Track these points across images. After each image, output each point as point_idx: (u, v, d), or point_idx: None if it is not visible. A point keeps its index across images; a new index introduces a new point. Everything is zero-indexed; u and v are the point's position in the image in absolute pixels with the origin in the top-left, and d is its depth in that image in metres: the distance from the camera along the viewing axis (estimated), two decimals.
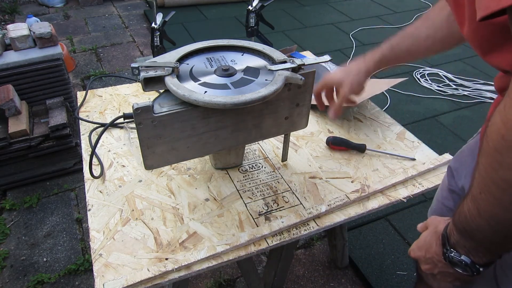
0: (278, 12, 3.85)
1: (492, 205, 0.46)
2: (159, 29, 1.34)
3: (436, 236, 0.61)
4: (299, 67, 0.83)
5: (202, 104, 0.73)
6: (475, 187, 0.48)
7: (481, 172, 0.46)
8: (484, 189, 0.46)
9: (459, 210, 0.53)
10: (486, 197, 0.46)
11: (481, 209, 0.48)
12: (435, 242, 0.61)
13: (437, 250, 0.60)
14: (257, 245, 0.83)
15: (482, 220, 0.49)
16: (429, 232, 0.64)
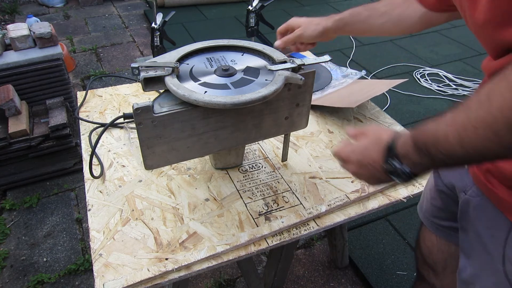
0: (278, 12, 3.85)
1: (488, 141, 0.46)
2: (159, 29, 1.34)
3: (378, 145, 0.63)
4: (299, 67, 0.83)
5: (202, 104, 0.73)
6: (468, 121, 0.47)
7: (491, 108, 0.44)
8: (485, 127, 0.45)
9: (428, 131, 0.53)
10: (485, 134, 0.45)
11: (468, 142, 0.48)
12: (375, 150, 0.63)
13: (376, 158, 0.62)
14: (257, 245, 0.83)
15: (461, 149, 0.49)
16: (370, 140, 0.66)
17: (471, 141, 0.47)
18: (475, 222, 0.68)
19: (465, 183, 0.71)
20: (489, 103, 0.44)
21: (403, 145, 0.58)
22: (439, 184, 0.83)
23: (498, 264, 0.62)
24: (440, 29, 3.54)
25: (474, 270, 0.69)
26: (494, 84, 0.44)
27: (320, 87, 1.33)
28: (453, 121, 0.49)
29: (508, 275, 0.61)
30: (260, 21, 1.50)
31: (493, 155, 0.48)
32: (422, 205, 0.94)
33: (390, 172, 0.61)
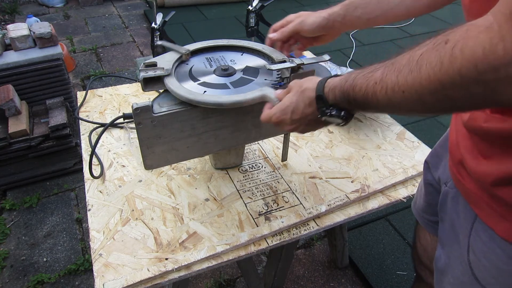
0: (278, 12, 3.83)
1: (414, 104, 0.48)
2: (159, 29, 1.34)
3: (304, 96, 0.65)
4: (298, 67, 0.83)
5: (199, 104, 0.73)
6: (397, 83, 0.48)
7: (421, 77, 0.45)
8: (412, 92, 0.47)
9: (358, 86, 0.55)
10: (411, 98, 0.47)
11: (396, 102, 0.50)
12: (305, 104, 0.64)
13: (307, 111, 0.65)
14: (257, 245, 0.83)
15: (390, 107, 0.52)
16: (294, 93, 0.67)
17: (398, 102, 0.50)
18: (451, 213, 0.69)
19: (447, 176, 0.72)
20: (419, 71, 0.45)
21: (332, 96, 0.61)
22: (429, 177, 0.84)
23: (465, 254, 0.63)
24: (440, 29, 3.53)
25: (447, 259, 0.70)
26: (426, 52, 0.45)
27: None
28: (382, 80, 0.51)
29: (471, 264, 0.63)
30: (260, 21, 1.50)
31: (418, 114, 0.52)
32: (416, 202, 0.94)
33: (327, 120, 0.63)
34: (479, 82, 0.40)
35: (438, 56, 0.43)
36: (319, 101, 0.62)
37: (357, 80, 0.56)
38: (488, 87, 0.40)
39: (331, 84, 0.61)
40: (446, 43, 0.43)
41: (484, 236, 0.59)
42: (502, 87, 0.40)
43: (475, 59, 0.39)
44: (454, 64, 0.41)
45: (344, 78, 0.59)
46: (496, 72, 0.39)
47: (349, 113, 0.62)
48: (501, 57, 0.38)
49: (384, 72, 0.51)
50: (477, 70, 0.39)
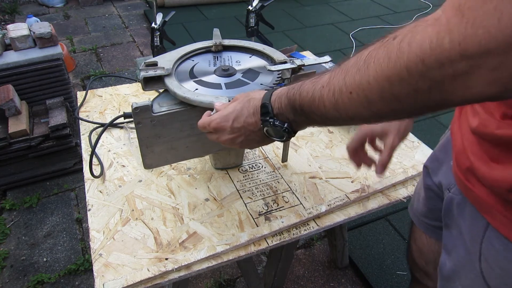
0: (278, 12, 3.85)
1: (361, 107, 0.46)
2: (159, 29, 1.34)
3: (249, 105, 0.62)
4: (299, 68, 0.83)
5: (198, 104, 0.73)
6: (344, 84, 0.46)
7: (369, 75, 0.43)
8: (359, 92, 0.45)
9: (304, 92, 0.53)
10: (358, 99, 0.45)
11: (342, 106, 0.48)
12: (249, 113, 0.62)
13: (250, 120, 0.62)
14: (257, 245, 0.82)
15: (335, 112, 0.49)
16: (239, 102, 0.65)
17: (344, 105, 0.47)
18: (458, 220, 0.68)
19: (450, 181, 0.71)
20: (366, 69, 0.43)
21: (278, 104, 0.58)
22: (428, 182, 0.83)
23: (476, 262, 0.62)
24: None
25: (455, 267, 0.69)
26: (374, 50, 0.44)
27: None
28: (330, 83, 0.49)
29: (484, 273, 0.61)
30: (260, 21, 1.50)
31: (361, 120, 0.50)
32: (413, 204, 0.93)
33: (269, 131, 0.61)
34: (426, 79, 0.39)
35: (386, 52, 0.42)
36: (264, 109, 0.60)
37: (304, 85, 0.54)
38: (435, 84, 0.39)
39: (278, 92, 0.59)
40: (394, 38, 0.41)
41: (498, 245, 0.57)
42: (449, 85, 0.38)
43: (422, 53, 0.38)
44: (401, 58, 0.39)
45: (292, 85, 0.57)
46: (442, 68, 0.37)
47: (291, 127, 0.59)
48: (447, 51, 0.36)
49: (331, 75, 0.49)
50: (424, 65, 0.38)
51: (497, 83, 0.35)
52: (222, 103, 0.71)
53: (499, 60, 0.34)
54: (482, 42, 0.34)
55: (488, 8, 0.33)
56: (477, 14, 0.34)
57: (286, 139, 0.61)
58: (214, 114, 0.67)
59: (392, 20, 3.73)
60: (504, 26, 0.32)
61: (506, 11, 0.32)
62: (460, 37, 0.35)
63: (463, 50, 0.35)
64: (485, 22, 0.33)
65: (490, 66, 0.35)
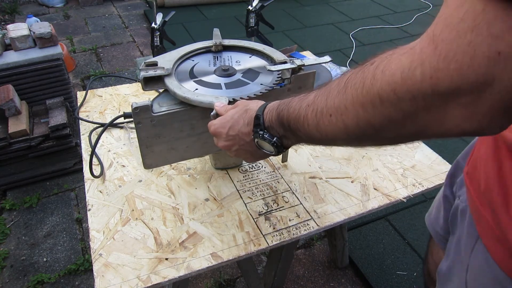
0: (278, 12, 3.85)
1: (338, 130, 0.45)
2: (159, 29, 1.34)
3: (246, 115, 0.62)
4: (299, 68, 0.83)
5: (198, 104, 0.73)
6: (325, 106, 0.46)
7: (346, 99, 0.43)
8: (337, 115, 0.44)
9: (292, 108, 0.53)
10: (336, 123, 0.45)
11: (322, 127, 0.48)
12: (243, 121, 0.63)
13: (244, 130, 0.62)
14: (257, 245, 0.82)
15: (317, 133, 0.49)
16: (237, 110, 0.65)
17: (325, 127, 0.47)
18: (458, 227, 0.67)
19: (462, 189, 0.70)
20: (345, 93, 0.43)
21: (269, 117, 0.58)
22: (447, 193, 0.81)
23: (464, 271, 0.61)
24: None
25: (449, 272, 0.69)
26: (353, 73, 0.43)
27: None
28: (314, 102, 0.49)
29: (467, 284, 0.61)
30: (260, 21, 1.50)
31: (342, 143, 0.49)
32: (431, 214, 0.92)
33: (259, 143, 0.61)
34: (398, 108, 0.37)
35: (362, 77, 0.41)
36: (256, 121, 0.60)
37: (292, 102, 0.54)
38: (408, 115, 0.37)
39: (271, 105, 0.59)
40: (371, 64, 0.40)
41: (481, 258, 0.57)
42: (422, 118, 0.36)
43: (394, 83, 0.36)
44: (375, 86, 0.38)
45: (283, 100, 0.57)
46: (414, 100, 0.35)
47: (280, 142, 0.59)
48: (419, 83, 0.34)
49: (317, 95, 0.49)
50: (396, 95, 0.36)
51: (472, 119, 0.34)
52: (222, 103, 0.71)
53: (472, 98, 0.32)
54: (453, 78, 0.32)
55: (462, 42, 0.31)
56: (450, 48, 0.32)
57: (275, 153, 0.61)
58: (216, 119, 0.68)
59: (392, 20, 3.73)
60: (477, 65, 0.30)
61: (479, 49, 0.30)
62: (432, 70, 0.33)
63: (434, 85, 0.33)
64: (458, 57, 0.31)
65: (462, 103, 0.33)
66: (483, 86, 0.31)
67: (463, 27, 0.31)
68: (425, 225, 0.94)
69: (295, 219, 0.88)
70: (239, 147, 0.65)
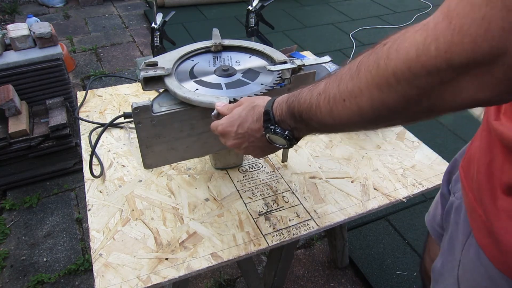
0: (278, 12, 3.85)
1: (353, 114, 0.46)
2: (159, 29, 1.34)
3: (254, 112, 0.63)
4: (299, 68, 0.83)
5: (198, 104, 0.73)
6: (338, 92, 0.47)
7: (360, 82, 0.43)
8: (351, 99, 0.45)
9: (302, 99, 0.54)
10: (351, 107, 0.45)
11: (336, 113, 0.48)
12: (253, 120, 0.63)
13: (253, 126, 0.63)
14: (257, 245, 0.82)
15: (331, 120, 0.50)
16: (244, 108, 0.65)
17: (339, 113, 0.47)
18: (452, 224, 0.68)
19: (457, 186, 0.71)
20: (357, 76, 0.43)
21: (279, 111, 0.59)
22: (444, 191, 0.82)
23: (455, 267, 0.62)
24: None
25: (442, 269, 0.69)
26: (365, 56, 0.43)
27: None
28: (325, 90, 0.49)
29: (459, 279, 0.61)
30: (260, 21, 1.50)
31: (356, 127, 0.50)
32: (430, 213, 0.92)
33: (271, 138, 0.61)
34: (413, 86, 0.38)
35: (375, 58, 0.41)
36: (266, 116, 0.61)
37: (302, 93, 0.55)
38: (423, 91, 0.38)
39: (279, 99, 0.60)
40: (384, 45, 0.41)
41: (472, 253, 0.57)
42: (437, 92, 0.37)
43: (408, 60, 0.37)
44: (389, 65, 0.39)
45: (292, 93, 0.58)
46: (429, 76, 0.36)
47: (292, 134, 0.60)
48: (433, 58, 0.35)
49: (327, 82, 0.50)
50: (411, 72, 0.37)
51: (485, 89, 0.35)
52: (222, 103, 0.71)
53: (486, 69, 0.33)
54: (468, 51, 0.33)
55: (476, 16, 0.32)
56: (464, 22, 0.33)
57: (288, 146, 0.62)
58: (222, 118, 0.68)
59: (392, 20, 3.73)
60: (491, 37, 0.32)
61: (494, 21, 0.31)
62: (447, 45, 0.34)
63: (449, 59, 0.34)
64: (472, 30, 0.32)
65: (476, 74, 0.34)
66: (496, 57, 0.32)
67: (478, 1, 0.32)
68: (425, 225, 0.94)
69: (295, 219, 0.88)
70: (249, 144, 0.66)
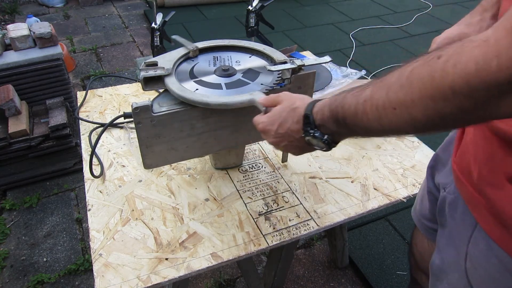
0: (278, 12, 3.85)
1: (404, 122, 0.46)
2: (159, 29, 1.34)
3: (294, 114, 0.64)
4: (299, 68, 0.83)
5: (199, 104, 0.73)
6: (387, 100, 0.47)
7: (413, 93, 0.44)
8: (402, 109, 0.45)
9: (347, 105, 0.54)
10: (402, 115, 0.46)
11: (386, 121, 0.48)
12: (292, 120, 0.64)
13: (293, 127, 0.64)
14: (257, 245, 0.82)
15: (378, 126, 0.50)
16: (284, 108, 0.66)
17: (389, 120, 0.48)
18: (448, 219, 0.68)
19: (448, 181, 0.71)
20: (409, 86, 0.44)
21: (320, 115, 0.59)
22: (430, 185, 0.83)
23: (462, 261, 0.62)
24: (440, 29, 3.53)
25: (443, 265, 0.69)
26: (417, 67, 0.44)
27: (320, 87, 1.33)
28: (372, 97, 0.49)
29: (468, 272, 0.62)
30: (260, 21, 1.50)
31: (406, 133, 0.50)
32: (416, 206, 0.93)
33: (310, 141, 0.62)
34: (471, 99, 0.39)
35: (430, 71, 0.41)
36: (306, 120, 0.62)
37: (346, 98, 0.55)
38: (479, 103, 0.39)
39: (320, 104, 0.61)
40: (438, 58, 0.41)
41: (482, 245, 0.58)
42: (494, 104, 0.38)
43: (467, 75, 0.37)
44: (446, 79, 0.39)
45: (334, 97, 0.58)
46: (488, 90, 0.37)
47: (332, 139, 0.60)
48: (494, 73, 0.35)
49: (373, 90, 0.50)
50: (469, 86, 0.38)
51: None
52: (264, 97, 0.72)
53: None
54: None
55: None
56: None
57: (326, 149, 0.62)
58: (263, 116, 0.69)
59: (392, 20, 3.73)
60: None
61: None
62: (509, 62, 0.34)
63: (510, 74, 0.34)
64: None
65: None
66: None
67: None
68: None
69: (295, 219, 0.88)
70: (288, 143, 0.67)
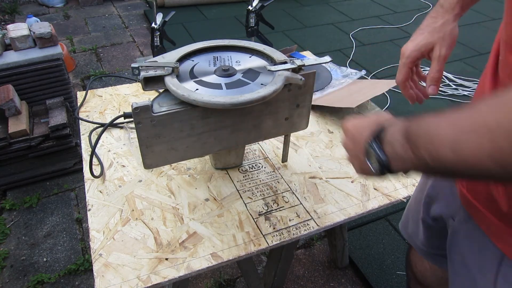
0: (278, 12, 3.85)
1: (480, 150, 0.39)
2: (159, 29, 1.34)
3: (373, 125, 0.55)
4: (299, 68, 0.83)
5: (201, 104, 0.73)
6: (472, 121, 0.40)
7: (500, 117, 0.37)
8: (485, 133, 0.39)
9: (425, 125, 0.46)
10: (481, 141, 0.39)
11: (460, 147, 0.41)
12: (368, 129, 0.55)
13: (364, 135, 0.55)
14: (257, 245, 0.82)
15: (452, 154, 0.42)
16: (370, 119, 0.58)
17: (465, 146, 0.40)
18: (464, 253, 0.64)
19: (453, 209, 0.68)
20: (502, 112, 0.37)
21: (393, 132, 0.51)
22: (426, 219, 0.81)
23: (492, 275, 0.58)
24: None
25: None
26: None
27: (320, 87, 1.33)
28: (455, 121, 0.43)
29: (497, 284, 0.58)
30: (260, 21, 1.50)
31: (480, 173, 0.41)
32: (407, 227, 0.91)
33: (368, 154, 0.54)
34: None
35: None
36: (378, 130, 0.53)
37: (427, 119, 0.46)
38: None
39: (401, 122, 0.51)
40: None
41: None
42: None
43: None
44: None
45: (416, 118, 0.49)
46: None
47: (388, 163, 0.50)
48: None
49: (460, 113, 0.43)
50: None
51: None
52: None
53: None
54: None
55: None
56: None
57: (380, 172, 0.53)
58: (351, 120, 0.62)
59: (392, 20, 3.73)
60: None
61: None
62: None
63: None
64: None
65: None
66: None
67: None
68: None
69: (295, 219, 0.88)
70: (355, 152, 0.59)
